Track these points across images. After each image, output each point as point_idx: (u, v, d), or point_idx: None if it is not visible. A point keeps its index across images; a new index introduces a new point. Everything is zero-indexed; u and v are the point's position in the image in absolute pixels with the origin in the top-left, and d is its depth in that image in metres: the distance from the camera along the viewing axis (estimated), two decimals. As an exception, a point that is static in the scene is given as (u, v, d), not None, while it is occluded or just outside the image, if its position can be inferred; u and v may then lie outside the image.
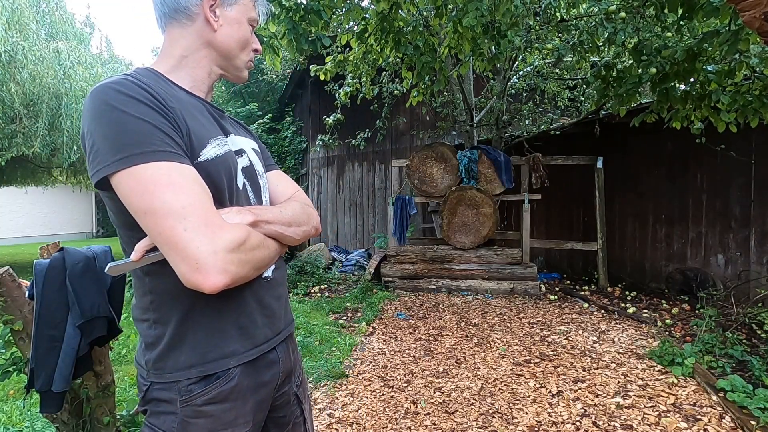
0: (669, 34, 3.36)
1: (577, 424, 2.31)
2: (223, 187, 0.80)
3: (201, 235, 0.66)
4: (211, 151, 0.79)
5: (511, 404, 2.55)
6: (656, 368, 2.97)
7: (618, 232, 5.69)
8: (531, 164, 5.58)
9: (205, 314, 0.79)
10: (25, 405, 2.60)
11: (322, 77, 4.88)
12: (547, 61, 5.83)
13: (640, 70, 3.14)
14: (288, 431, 0.96)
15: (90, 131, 0.70)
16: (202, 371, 0.78)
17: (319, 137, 7.39)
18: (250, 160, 0.91)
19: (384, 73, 6.37)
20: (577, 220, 6.18)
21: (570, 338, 3.61)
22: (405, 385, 2.84)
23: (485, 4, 3.17)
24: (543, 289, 5.32)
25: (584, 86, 5.86)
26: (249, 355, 0.83)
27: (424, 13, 4.61)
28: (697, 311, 4.08)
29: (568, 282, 5.88)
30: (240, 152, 0.89)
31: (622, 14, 3.42)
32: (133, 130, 0.68)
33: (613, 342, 3.52)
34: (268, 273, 0.88)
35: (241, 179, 0.86)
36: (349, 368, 3.13)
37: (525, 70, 6.23)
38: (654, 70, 3.03)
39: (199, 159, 0.76)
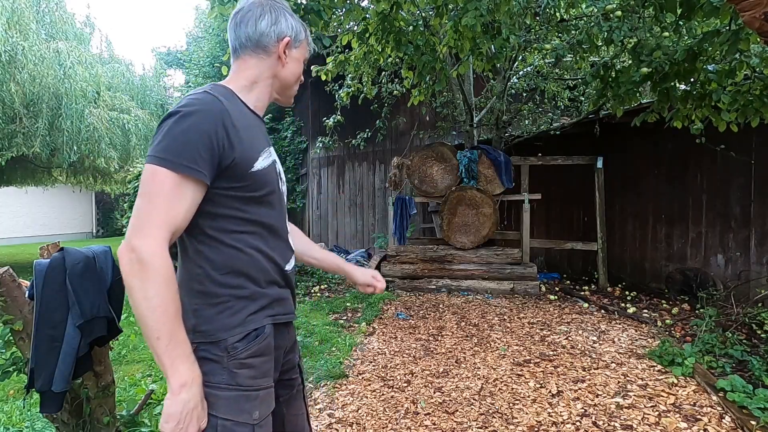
0: (667, 34, 3.35)
1: (577, 424, 2.31)
2: (274, 190, 1.04)
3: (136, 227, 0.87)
4: (262, 162, 1.01)
5: (511, 404, 2.55)
6: (656, 368, 2.97)
7: (618, 232, 5.70)
8: (398, 164, 5.45)
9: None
10: (25, 405, 2.60)
11: (323, 77, 4.88)
12: (546, 61, 5.83)
13: (635, 70, 3.14)
14: (292, 395, 1.16)
15: (168, 123, 0.92)
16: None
17: (319, 139, 7.39)
18: (278, 167, 1.12)
19: (384, 73, 6.37)
20: (577, 220, 6.18)
21: (570, 338, 3.61)
22: (405, 385, 2.84)
23: (485, 4, 3.17)
24: (543, 289, 5.32)
25: (584, 86, 5.86)
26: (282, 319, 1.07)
27: (424, 14, 4.61)
28: (697, 311, 4.08)
29: (568, 282, 5.88)
30: (275, 161, 1.10)
31: (618, 13, 3.42)
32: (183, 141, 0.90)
33: (613, 342, 3.52)
34: (290, 266, 1.11)
35: (281, 184, 1.11)
36: (349, 368, 3.13)
37: (525, 70, 6.23)
38: (645, 70, 3.03)
39: (252, 169, 0.98)
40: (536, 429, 2.28)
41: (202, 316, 0.96)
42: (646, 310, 4.41)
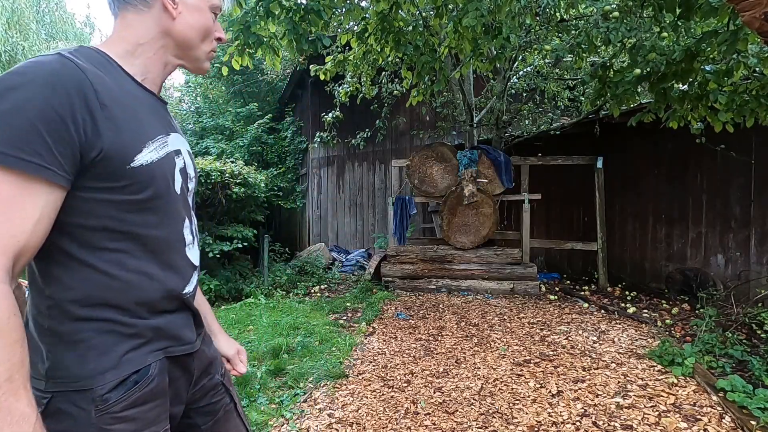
0: (666, 34, 3.36)
1: (577, 424, 2.31)
2: (165, 192, 0.80)
3: None
4: (147, 156, 0.76)
5: (511, 404, 2.55)
6: (656, 368, 2.97)
7: (618, 232, 5.70)
8: (469, 177, 5.30)
9: None
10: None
11: (322, 77, 4.88)
12: (546, 61, 5.83)
13: (629, 71, 3.14)
14: (219, 418, 0.96)
15: None
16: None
17: (317, 134, 7.38)
18: (184, 161, 0.87)
19: (384, 73, 6.37)
20: (577, 220, 6.18)
21: (570, 338, 3.61)
22: (405, 385, 2.84)
23: (485, 4, 3.17)
24: (543, 289, 5.32)
25: (583, 86, 5.87)
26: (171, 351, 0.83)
27: (424, 14, 4.61)
28: (697, 311, 4.07)
29: (568, 282, 5.88)
30: (177, 153, 0.84)
31: (615, 13, 3.42)
32: (13, 125, 0.63)
33: (613, 342, 3.52)
34: (189, 288, 0.87)
35: (179, 183, 0.84)
36: (349, 368, 3.13)
37: (525, 70, 6.23)
38: (638, 72, 3.03)
39: (132, 164, 0.73)
40: (536, 429, 2.28)
41: (58, 359, 0.72)
42: (646, 310, 4.41)
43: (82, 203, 0.71)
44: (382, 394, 2.72)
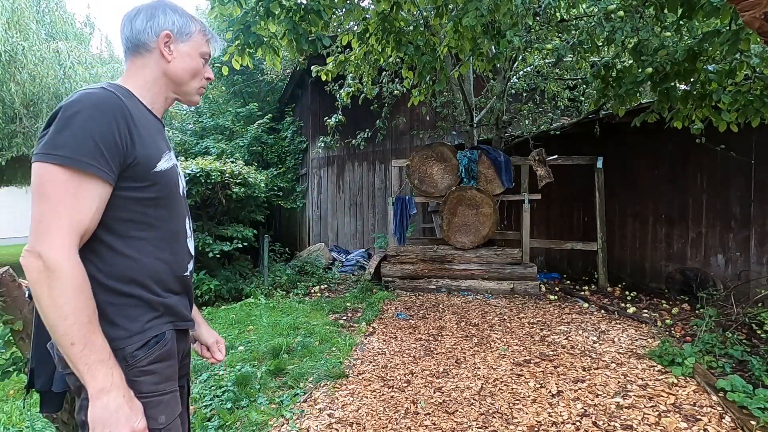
0: (668, 34, 3.35)
1: (577, 424, 2.31)
2: (174, 193, 1.04)
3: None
4: (163, 164, 1.00)
5: (511, 404, 2.55)
6: (656, 368, 2.97)
7: (618, 232, 5.70)
8: (536, 159, 5.48)
9: None
10: (25, 405, 2.60)
11: (324, 78, 4.88)
12: (547, 61, 5.83)
13: (640, 70, 3.14)
14: (183, 401, 1.14)
15: (60, 119, 0.87)
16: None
17: (320, 138, 7.37)
18: (179, 171, 1.11)
19: (384, 73, 6.37)
20: (577, 220, 6.18)
21: (570, 338, 3.61)
22: (405, 385, 2.84)
23: (485, 4, 3.16)
24: (543, 289, 5.32)
25: (584, 86, 5.86)
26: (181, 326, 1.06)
27: (425, 14, 4.61)
28: (697, 311, 4.08)
29: (568, 282, 5.88)
30: (176, 164, 1.09)
31: (620, 13, 3.42)
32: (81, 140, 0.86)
33: (613, 342, 3.52)
34: (188, 272, 1.09)
35: (181, 187, 1.10)
36: (349, 368, 3.13)
37: (525, 70, 6.23)
38: (650, 70, 3.03)
39: (155, 169, 0.97)
40: (536, 429, 2.28)
41: None
42: (646, 310, 4.41)
43: (117, 200, 0.92)
44: (382, 394, 2.72)
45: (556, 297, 5.00)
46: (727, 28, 2.55)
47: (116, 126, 0.89)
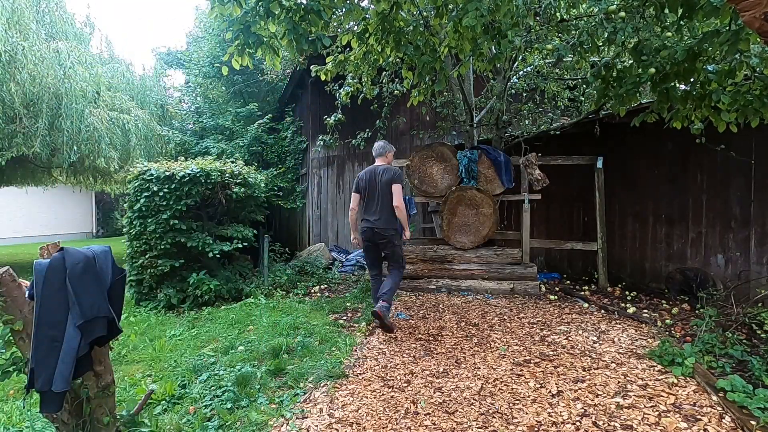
0: (669, 34, 3.35)
1: (577, 424, 2.31)
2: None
3: None
4: None
5: (511, 404, 2.55)
6: (656, 368, 2.97)
7: (618, 232, 5.70)
8: (524, 164, 5.52)
9: None
10: (25, 405, 2.60)
11: (323, 77, 4.88)
12: (547, 61, 5.83)
13: (640, 70, 3.14)
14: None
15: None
16: None
17: (320, 137, 7.36)
18: None
19: (384, 73, 6.37)
20: (577, 220, 6.18)
21: (570, 338, 3.61)
22: (405, 385, 2.84)
23: (485, 4, 3.16)
24: (543, 289, 5.32)
25: (584, 86, 5.86)
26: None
27: (425, 14, 4.61)
28: (697, 311, 4.08)
29: (568, 282, 5.88)
30: None
31: (622, 14, 3.42)
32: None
33: (613, 342, 3.52)
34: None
35: None
36: (349, 368, 3.13)
37: (525, 70, 6.22)
38: (653, 70, 3.02)
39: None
40: (536, 429, 2.28)
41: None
42: (646, 310, 4.41)
43: None
44: (382, 394, 2.72)
45: (556, 297, 5.00)
46: (727, 28, 2.55)
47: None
